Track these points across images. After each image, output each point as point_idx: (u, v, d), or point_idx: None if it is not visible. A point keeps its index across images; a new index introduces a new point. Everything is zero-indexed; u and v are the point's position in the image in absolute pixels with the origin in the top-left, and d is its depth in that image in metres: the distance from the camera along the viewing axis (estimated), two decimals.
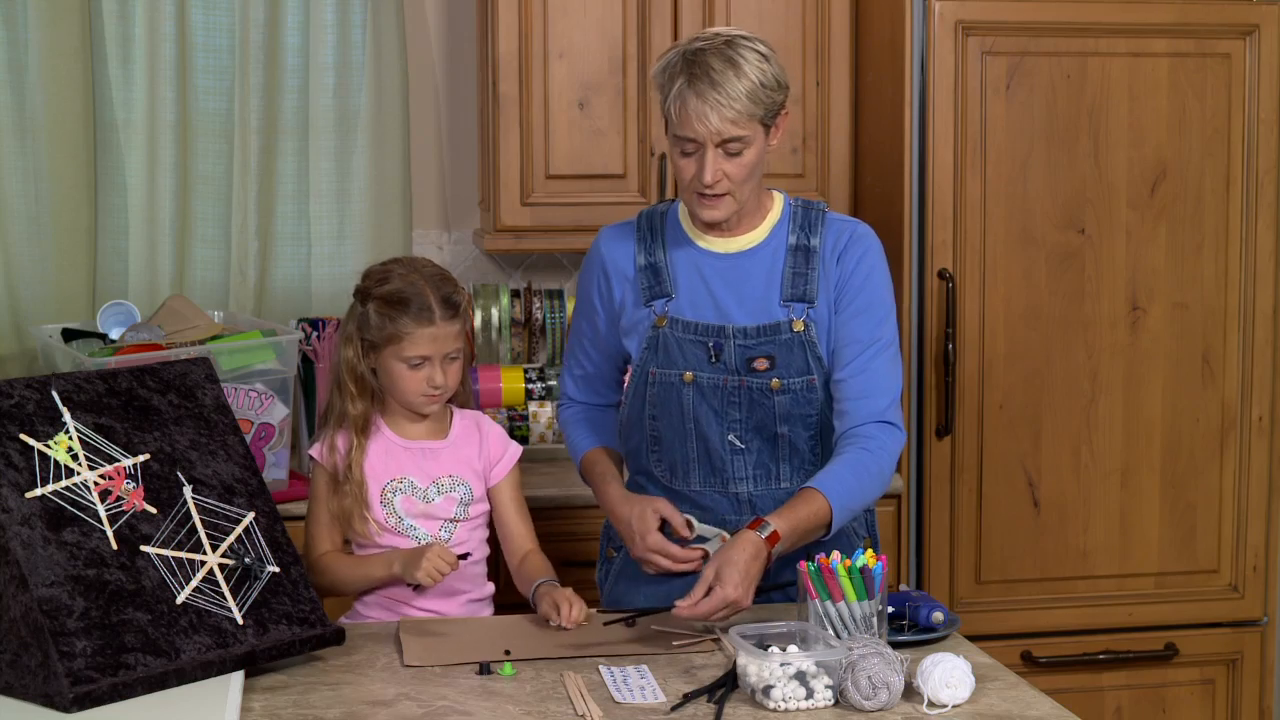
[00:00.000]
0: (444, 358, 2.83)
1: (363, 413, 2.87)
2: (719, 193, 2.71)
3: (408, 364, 2.82)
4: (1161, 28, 3.71)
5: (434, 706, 2.36)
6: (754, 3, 3.87)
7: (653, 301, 2.84)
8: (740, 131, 2.65)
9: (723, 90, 2.63)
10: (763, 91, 2.66)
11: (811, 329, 2.78)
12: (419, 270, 2.86)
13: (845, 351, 2.78)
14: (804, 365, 2.78)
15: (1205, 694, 3.86)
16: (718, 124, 2.64)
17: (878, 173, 3.84)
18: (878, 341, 2.78)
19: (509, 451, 2.96)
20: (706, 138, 2.66)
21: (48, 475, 2.39)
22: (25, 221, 3.86)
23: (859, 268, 2.79)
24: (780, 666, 2.34)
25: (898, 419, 2.79)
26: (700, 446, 2.82)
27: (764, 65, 2.67)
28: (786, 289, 2.79)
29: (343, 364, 2.87)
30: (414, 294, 2.80)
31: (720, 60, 2.65)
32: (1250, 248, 3.78)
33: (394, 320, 2.80)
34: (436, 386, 2.83)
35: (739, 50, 2.66)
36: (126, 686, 2.28)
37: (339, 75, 3.99)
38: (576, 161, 3.86)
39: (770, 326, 2.78)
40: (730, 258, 2.82)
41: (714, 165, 2.67)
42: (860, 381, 2.77)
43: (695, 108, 2.64)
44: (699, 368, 2.80)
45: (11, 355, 3.87)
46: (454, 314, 2.83)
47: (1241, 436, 3.82)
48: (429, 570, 2.69)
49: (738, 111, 2.64)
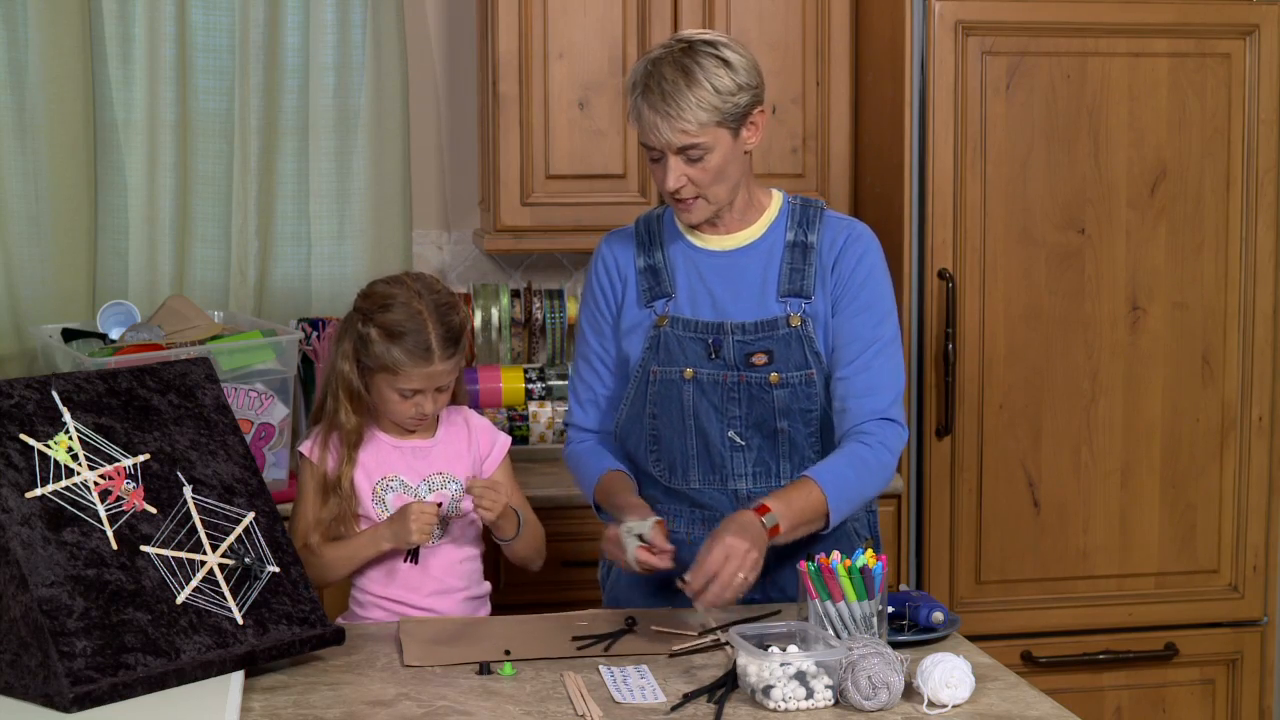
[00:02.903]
0: (435, 389, 2.84)
1: (356, 427, 2.87)
2: (685, 197, 2.73)
3: (399, 394, 2.83)
4: (1161, 28, 3.71)
5: (434, 706, 2.36)
6: (754, 3, 3.87)
7: (653, 302, 2.84)
8: (696, 139, 2.67)
9: (673, 101, 2.65)
10: (719, 98, 2.66)
11: (808, 324, 2.78)
12: (423, 297, 2.82)
13: (847, 350, 2.79)
14: (802, 360, 2.78)
15: (1205, 694, 3.86)
16: (669, 135, 2.66)
17: (878, 173, 3.84)
18: (879, 340, 2.79)
19: (498, 443, 2.97)
20: (663, 147, 2.69)
21: (48, 475, 2.39)
22: (25, 221, 3.86)
23: (859, 266, 2.80)
24: (780, 666, 2.34)
25: (899, 416, 2.79)
26: (700, 443, 2.82)
27: (722, 71, 2.67)
28: (783, 284, 2.79)
29: (337, 378, 2.87)
30: (414, 329, 2.79)
31: (674, 70, 2.67)
32: (1250, 248, 3.78)
33: (391, 353, 2.79)
34: (424, 414, 2.85)
35: (697, 58, 2.67)
36: (126, 686, 2.28)
37: (339, 75, 3.99)
38: (576, 161, 3.86)
39: (768, 322, 2.78)
40: (727, 254, 2.83)
41: (676, 172, 2.70)
42: (862, 379, 2.77)
43: (648, 119, 2.68)
44: (698, 364, 2.80)
45: (11, 355, 3.87)
46: (453, 351, 2.82)
47: (1241, 436, 3.82)
48: (418, 528, 2.72)
49: (689, 121, 2.66)
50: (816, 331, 2.79)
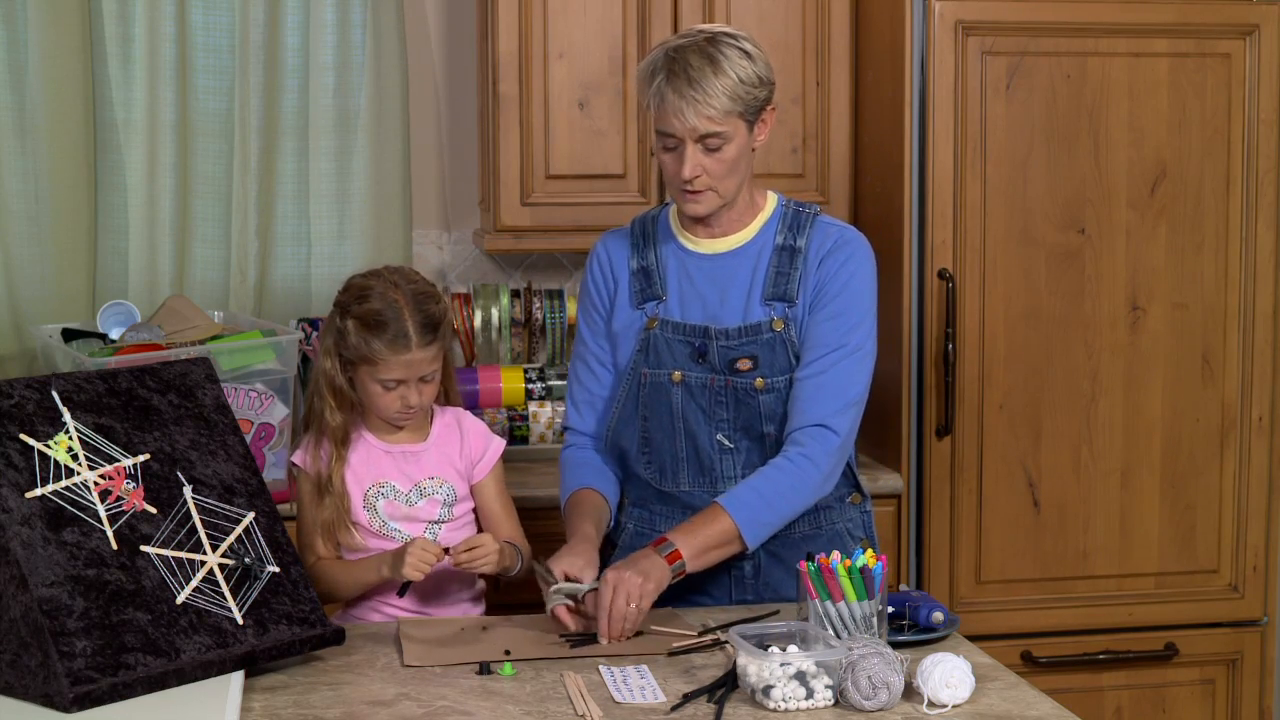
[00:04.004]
0: (419, 380, 2.83)
1: (342, 424, 2.87)
2: (699, 188, 2.72)
3: (382, 385, 2.82)
4: (1161, 28, 3.71)
5: (434, 706, 2.36)
6: (754, 3, 3.87)
7: (645, 304, 2.85)
8: (718, 128, 2.67)
9: (699, 87, 2.64)
10: (742, 88, 2.67)
11: (790, 328, 2.78)
12: (400, 287, 2.82)
13: (808, 354, 2.77)
14: (786, 364, 2.78)
15: (1205, 694, 3.86)
16: (694, 120, 2.65)
17: (878, 173, 3.84)
18: (844, 347, 2.76)
19: (490, 448, 2.96)
20: (685, 134, 2.67)
21: (48, 475, 2.39)
22: (25, 221, 3.86)
23: (840, 272, 2.77)
24: (780, 666, 2.34)
25: (840, 424, 2.74)
26: (689, 446, 2.82)
27: (745, 62, 2.68)
28: (768, 288, 2.79)
29: (321, 375, 2.87)
30: (392, 317, 2.78)
31: (699, 57, 2.66)
32: (1250, 248, 3.78)
33: (369, 343, 2.79)
34: (410, 406, 2.84)
35: (720, 47, 2.68)
36: (126, 686, 2.28)
37: (339, 75, 3.99)
38: (576, 161, 3.86)
39: (752, 327, 2.78)
40: (717, 258, 2.82)
41: (693, 161, 2.69)
42: (812, 385, 2.75)
43: (673, 104, 2.66)
44: (687, 367, 2.80)
45: (11, 355, 3.87)
46: (431, 338, 2.81)
47: (1241, 436, 3.82)
48: (413, 564, 2.70)
49: (715, 109, 2.65)
50: (798, 335, 2.78)
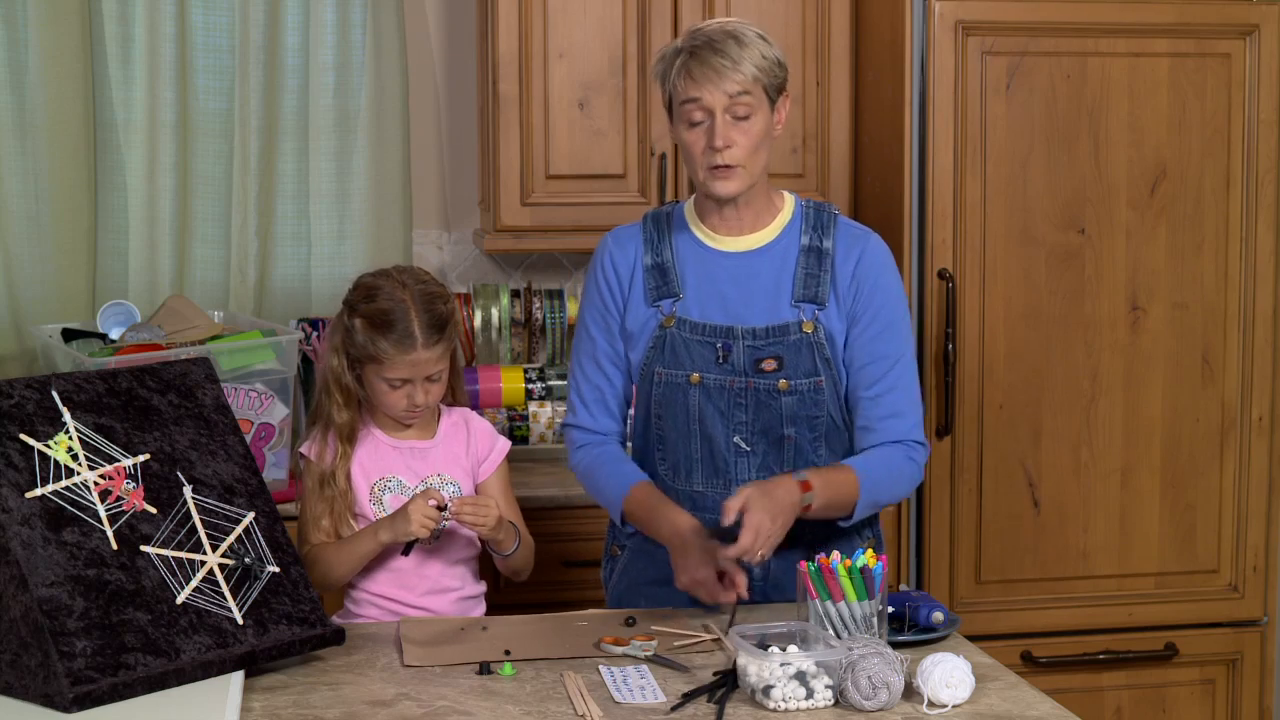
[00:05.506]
0: (425, 379, 2.84)
1: (349, 421, 2.88)
2: (729, 162, 2.71)
3: (388, 384, 2.83)
4: (1161, 28, 3.71)
5: (434, 706, 2.36)
6: (754, 3, 3.87)
7: (659, 301, 2.83)
8: (748, 89, 2.69)
9: (727, 55, 2.68)
10: (765, 62, 2.71)
11: (820, 331, 2.78)
12: (408, 287, 2.83)
13: (873, 368, 2.79)
14: (811, 367, 2.78)
15: (1205, 694, 3.86)
16: (725, 83, 2.68)
17: (878, 173, 3.84)
18: (903, 357, 2.82)
19: (496, 447, 2.97)
20: (715, 101, 2.68)
21: (48, 475, 2.39)
22: (25, 221, 3.86)
23: (881, 280, 2.80)
24: (780, 666, 2.34)
25: (923, 436, 2.83)
26: (705, 448, 2.82)
27: (764, 44, 2.74)
28: (798, 289, 2.79)
29: (329, 372, 2.89)
30: (399, 316, 2.80)
31: (722, 34, 2.72)
32: (1250, 248, 3.78)
33: (375, 342, 2.80)
34: (417, 405, 2.85)
35: (739, 30, 2.74)
36: (126, 686, 2.28)
37: (339, 75, 3.99)
38: (576, 161, 3.86)
39: (779, 327, 2.78)
40: (740, 256, 2.81)
41: (724, 130, 2.69)
42: (890, 400, 2.80)
43: (699, 73, 2.69)
44: (706, 369, 2.79)
45: (11, 355, 3.87)
46: (438, 338, 2.82)
47: (1241, 436, 3.82)
48: (419, 520, 2.71)
49: (744, 74, 2.69)
50: (827, 339, 2.79)
